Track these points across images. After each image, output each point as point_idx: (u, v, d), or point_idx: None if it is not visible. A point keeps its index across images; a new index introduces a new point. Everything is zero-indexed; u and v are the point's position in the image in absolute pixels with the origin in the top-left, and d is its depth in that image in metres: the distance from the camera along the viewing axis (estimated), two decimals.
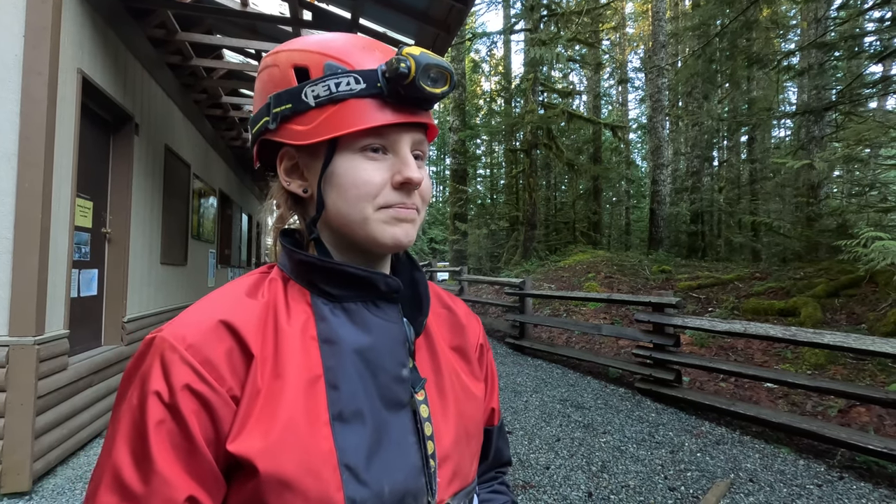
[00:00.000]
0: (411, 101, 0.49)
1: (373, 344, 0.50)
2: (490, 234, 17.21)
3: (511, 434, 3.66)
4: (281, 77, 0.51)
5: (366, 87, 0.48)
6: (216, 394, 0.44)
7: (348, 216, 0.50)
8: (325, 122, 0.48)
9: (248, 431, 0.43)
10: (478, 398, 0.61)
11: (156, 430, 0.42)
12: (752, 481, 2.86)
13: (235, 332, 0.46)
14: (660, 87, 13.00)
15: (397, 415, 0.50)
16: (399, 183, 0.50)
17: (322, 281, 0.51)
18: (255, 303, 0.49)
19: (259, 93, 0.54)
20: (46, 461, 2.71)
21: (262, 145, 0.55)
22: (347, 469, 0.44)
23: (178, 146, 5.29)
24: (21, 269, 2.54)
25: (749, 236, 12.78)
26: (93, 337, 3.67)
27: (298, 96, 0.49)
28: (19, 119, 2.57)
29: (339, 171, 0.50)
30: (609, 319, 7.19)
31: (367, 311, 0.52)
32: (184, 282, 5.65)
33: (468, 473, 0.56)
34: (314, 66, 0.50)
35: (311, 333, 0.49)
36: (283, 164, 0.54)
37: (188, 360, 0.43)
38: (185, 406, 0.42)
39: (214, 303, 0.49)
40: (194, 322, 0.46)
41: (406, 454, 0.49)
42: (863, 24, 7.57)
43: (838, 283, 5.83)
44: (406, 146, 0.51)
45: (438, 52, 4.41)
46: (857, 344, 3.01)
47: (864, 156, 7.44)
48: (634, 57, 24.71)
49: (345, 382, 0.48)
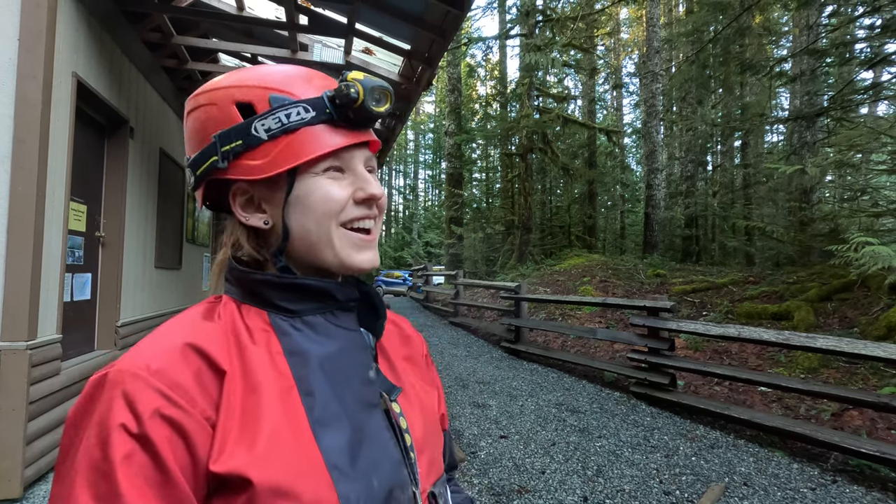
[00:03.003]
0: (358, 122, 0.53)
1: (338, 351, 0.52)
2: (486, 238, 17.23)
3: (506, 438, 3.66)
4: (222, 115, 0.51)
5: (316, 115, 0.51)
6: (189, 417, 0.42)
7: (315, 236, 0.52)
8: (281, 153, 0.50)
9: (232, 448, 0.43)
10: (432, 400, 0.64)
11: (124, 466, 0.39)
12: (747, 485, 2.87)
13: (202, 352, 0.45)
14: (654, 92, 13.10)
15: (371, 414, 0.51)
16: (362, 199, 0.53)
17: (279, 297, 0.52)
18: (213, 324, 0.49)
19: (196, 133, 0.53)
20: (38, 467, 2.68)
21: (208, 186, 0.54)
22: (336, 468, 0.45)
23: (173, 149, 5.27)
24: (14, 273, 2.52)
25: (743, 240, 12.88)
26: (86, 341, 3.64)
27: (248, 131, 0.50)
28: (13, 122, 2.55)
29: (305, 192, 0.51)
30: (604, 323, 7.20)
31: (327, 322, 0.53)
32: (178, 286, 5.62)
33: (441, 464, 0.60)
34: (258, 100, 0.50)
35: (276, 349, 0.50)
36: (238, 200, 0.54)
37: (155, 385, 0.42)
38: (157, 434, 0.40)
39: (172, 329, 0.48)
40: (156, 350, 0.45)
41: (386, 449, 0.51)
42: (854, 31, 7.66)
43: (831, 288, 5.87)
44: (360, 164, 0.54)
45: (435, 57, 4.43)
46: (849, 348, 3.04)
47: (856, 161, 7.51)
48: (629, 62, 24.91)
49: (317, 389, 0.48)
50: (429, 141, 39.28)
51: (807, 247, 8.21)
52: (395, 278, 20.07)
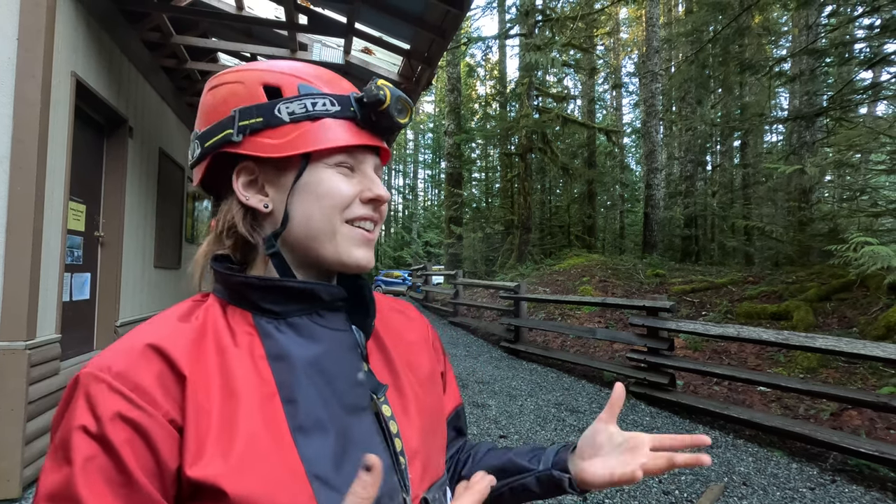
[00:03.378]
0: (379, 128, 0.54)
1: (324, 353, 0.51)
2: (485, 238, 17.24)
3: (506, 438, 3.66)
4: (247, 93, 0.52)
5: (340, 110, 0.52)
6: (151, 418, 0.42)
7: (318, 227, 0.52)
8: (300, 136, 0.50)
9: (209, 455, 0.42)
10: (437, 389, 0.63)
11: (83, 469, 0.39)
12: (746, 485, 2.87)
13: (164, 353, 0.45)
14: (653, 92, 13.10)
15: (359, 418, 0.50)
16: (368, 199, 0.54)
17: (263, 299, 0.51)
18: (187, 325, 0.49)
19: (214, 107, 0.53)
20: (36, 467, 2.67)
21: (211, 163, 0.54)
22: (317, 479, 0.44)
23: (172, 149, 5.27)
24: (13, 273, 2.51)
25: (742, 240, 12.89)
26: (85, 341, 3.64)
27: (271, 111, 0.51)
28: (12, 122, 2.55)
29: (314, 181, 0.52)
30: (603, 323, 7.21)
31: (312, 323, 0.52)
32: (177, 285, 5.62)
33: (438, 467, 0.57)
34: (287, 85, 0.52)
35: (259, 353, 0.49)
36: (241, 178, 0.53)
37: (116, 387, 0.42)
38: (116, 436, 0.40)
39: (140, 330, 0.47)
40: (119, 351, 0.45)
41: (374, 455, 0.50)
42: (853, 31, 7.67)
43: (830, 287, 5.88)
44: (370, 167, 0.56)
45: (434, 57, 4.43)
46: (848, 348, 3.04)
47: (855, 161, 7.53)
48: (628, 62, 24.92)
49: (301, 395, 0.47)
50: (428, 140, 39.29)
51: (806, 247, 8.23)
52: (395, 278, 20.10)
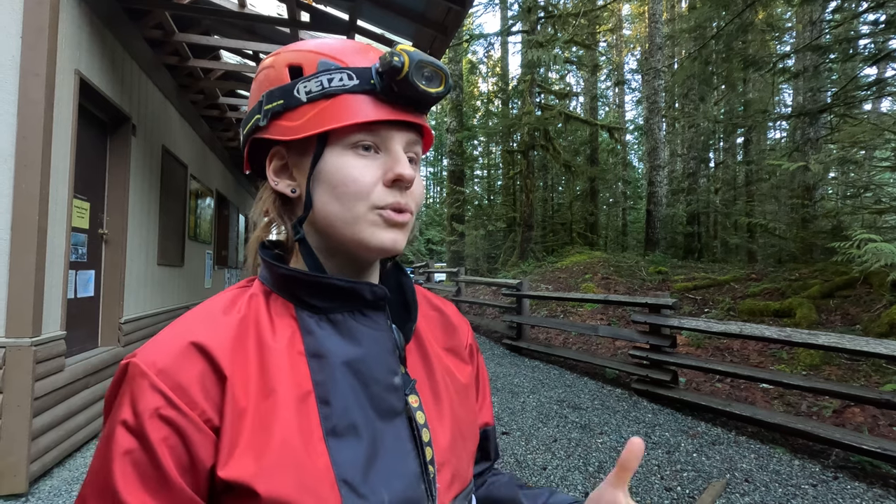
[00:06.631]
0: (405, 99, 0.49)
1: (362, 355, 0.50)
2: (487, 236, 17.24)
3: (508, 435, 3.67)
4: (275, 76, 0.51)
5: (359, 84, 0.48)
6: (187, 419, 0.42)
7: (338, 215, 0.49)
8: (315, 116, 0.48)
9: (241, 454, 0.42)
10: (471, 398, 0.61)
11: (121, 462, 0.41)
12: (748, 481, 2.87)
13: (207, 353, 0.45)
14: (656, 88, 13.05)
15: (392, 423, 0.49)
16: (391, 180, 0.49)
17: (306, 294, 0.50)
18: (229, 319, 0.48)
19: (252, 94, 0.54)
20: (43, 463, 2.70)
21: (252, 146, 0.55)
22: (345, 484, 0.44)
23: (175, 147, 5.28)
24: (18, 271, 2.53)
25: (745, 238, 12.84)
26: (90, 338, 3.66)
27: (291, 92, 0.49)
28: (16, 120, 2.56)
29: (329, 167, 0.49)
30: (606, 320, 7.21)
31: (354, 322, 0.51)
32: (181, 283, 5.64)
33: (466, 475, 0.56)
34: (308, 63, 0.50)
35: (299, 348, 0.48)
36: (273, 163, 0.53)
37: (158, 386, 0.42)
38: (154, 433, 0.41)
39: (187, 323, 0.47)
40: (166, 345, 0.45)
41: (404, 462, 0.48)
42: (857, 27, 7.62)
43: (833, 285, 5.86)
44: (398, 145, 0.50)
45: (436, 54, 4.42)
46: (851, 345, 3.03)
47: (859, 158, 7.50)
48: (631, 59, 24.81)
49: (336, 397, 0.47)
50: None
51: (809, 244, 8.20)
52: None
